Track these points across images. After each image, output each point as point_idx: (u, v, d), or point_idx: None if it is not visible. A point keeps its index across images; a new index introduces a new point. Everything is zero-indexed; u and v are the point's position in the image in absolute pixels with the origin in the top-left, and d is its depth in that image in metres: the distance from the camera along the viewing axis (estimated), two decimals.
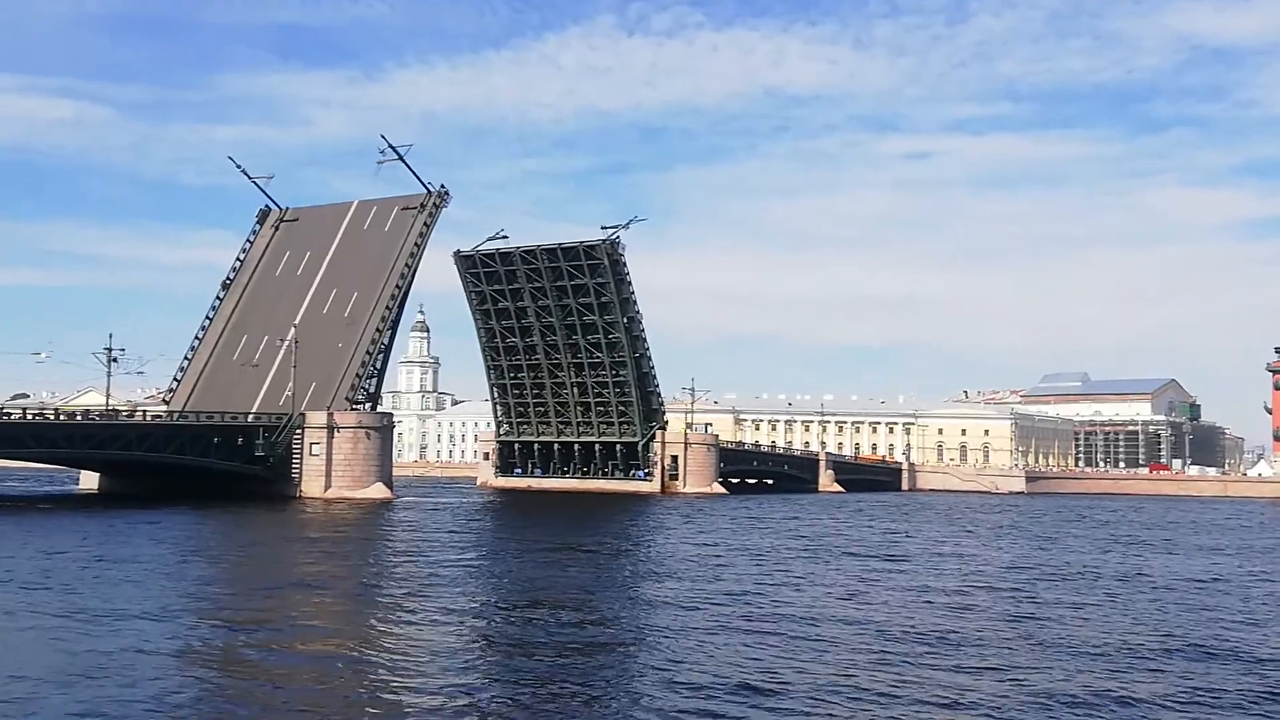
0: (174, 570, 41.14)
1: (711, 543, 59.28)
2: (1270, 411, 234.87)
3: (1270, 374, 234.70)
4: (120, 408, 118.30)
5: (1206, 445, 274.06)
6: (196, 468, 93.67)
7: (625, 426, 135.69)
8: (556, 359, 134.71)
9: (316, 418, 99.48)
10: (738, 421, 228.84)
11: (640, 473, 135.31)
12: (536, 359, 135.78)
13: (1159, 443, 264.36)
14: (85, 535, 55.16)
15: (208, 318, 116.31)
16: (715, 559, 50.03)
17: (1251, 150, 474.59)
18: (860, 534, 70.14)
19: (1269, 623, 33.73)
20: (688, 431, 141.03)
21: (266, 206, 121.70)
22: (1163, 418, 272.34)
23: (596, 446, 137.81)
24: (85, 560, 43.54)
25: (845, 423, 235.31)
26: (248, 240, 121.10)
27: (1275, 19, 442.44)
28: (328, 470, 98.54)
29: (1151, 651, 27.90)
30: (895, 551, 56.93)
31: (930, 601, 36.72)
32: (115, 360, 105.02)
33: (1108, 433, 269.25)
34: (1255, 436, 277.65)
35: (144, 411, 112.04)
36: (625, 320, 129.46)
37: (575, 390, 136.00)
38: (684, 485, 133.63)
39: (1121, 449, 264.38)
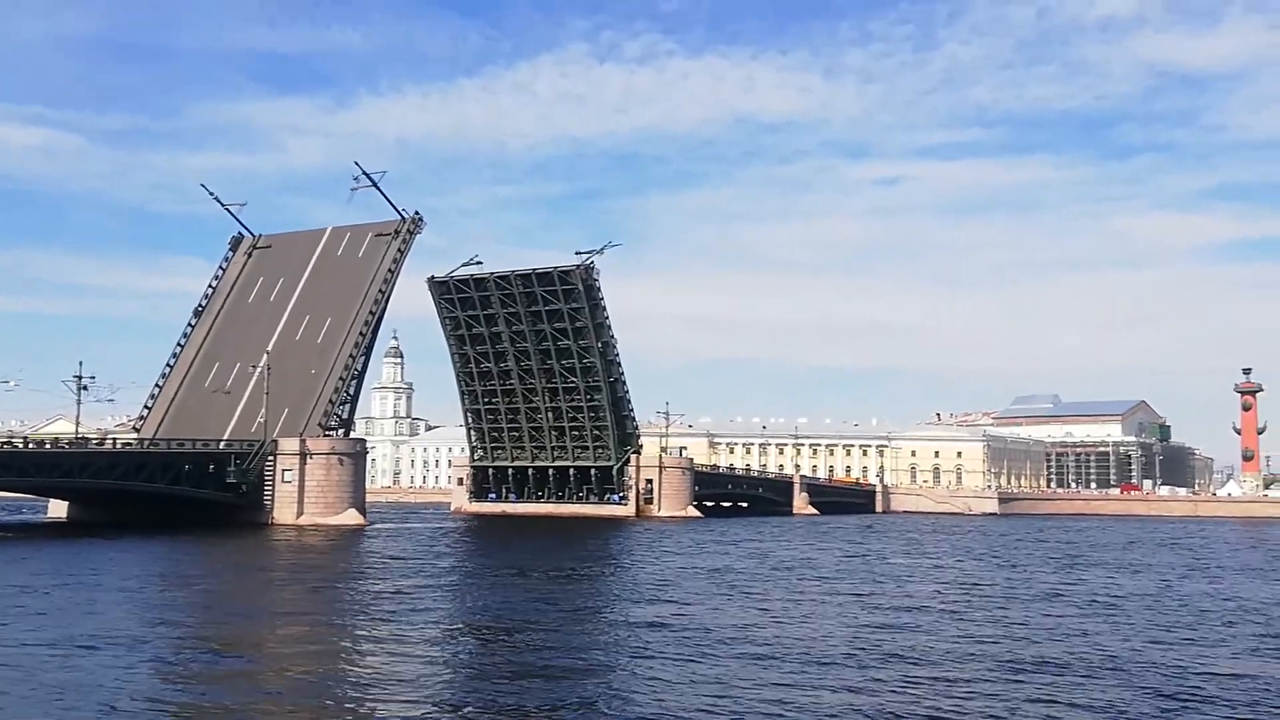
0: (141, 599, 40.99)
1: (683, 567, 59.47)
2: (1239, 432, 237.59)
3: (1239, 395, 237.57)
4: (90, 435, 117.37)
5: (1177, 466, 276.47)
6: (167, 495, 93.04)
7: (600, 451, 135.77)
8: (531, 384, 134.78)
9: (289, 444, 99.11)
10: (712, 445, 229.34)
11: (615, 497, 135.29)
12: (511, 384, 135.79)
13: (1130, 463, 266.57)
14: (52, 564, 54.78)
15: (179, 345, 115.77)
16: (686, 583, 50.23)
17: (1221, 174, 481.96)
18: (824, 559, 70.49)
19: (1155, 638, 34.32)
20: (662, 455, 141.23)
21: (239, 233, 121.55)
22: (1133, 439, 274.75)
23: (571, 471, 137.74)
24: (51, 589, 43.25)
25: (819, 445, 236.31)
26: (220, 267, 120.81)
27: (1242, 44, 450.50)
28: (300, 497, 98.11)
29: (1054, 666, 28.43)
30: (857, 576, 57.34)
31: (878, 624, 37.11)
32: (85, 388, 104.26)
33: (1079, 454, 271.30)
34: (1225, 457, 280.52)
35: (114, 439, 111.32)
36: (600, 345, 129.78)
37: (550, 415, 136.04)
38: (659, 509, 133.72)
39: (1093, 470, 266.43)
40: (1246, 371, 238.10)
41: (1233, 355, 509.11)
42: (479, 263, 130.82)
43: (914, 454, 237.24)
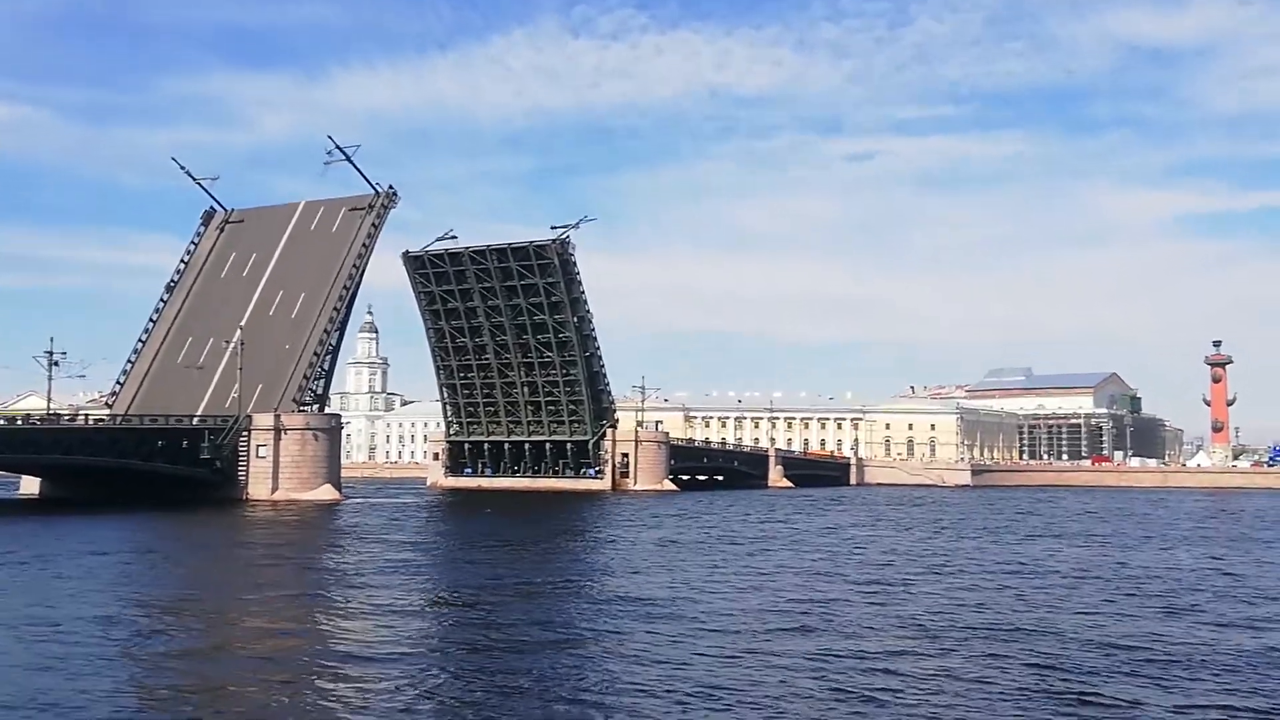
0: (110, 576, 40.77)
1: (658, 540, 59.80)
2: (1209, 403, 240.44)
3: (1208, 367, 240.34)
4: (62, 411, 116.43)
5: (1147, 437, 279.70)
6: (141, 472, 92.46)
7: (576, 425, 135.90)
8: (506, 359, 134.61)
9: (263, 420, 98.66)
10: (688, 419, 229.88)
11: (591, 471, 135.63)
12: (486, 359, 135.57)
13: (1101, 435, 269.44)
14: (20, 542, 54.42)
15: (151, 320, 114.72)
16: (659, 556, 50.56)
17: (1189, 150, 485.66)
18: (787, 531, 71.06)
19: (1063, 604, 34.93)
20: (638, 429, 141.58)
21: (211, 208, 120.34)
22: (1105, 410, 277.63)
23: (547, 445, 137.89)
24: (20, 566, 43.05)
25: (794, 419, 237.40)
26: (192, 242, 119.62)
27: (1211, 20, 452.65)
28: (275, 472, 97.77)
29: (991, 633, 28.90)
30: (815, 549, 57.90)
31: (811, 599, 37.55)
32: (56, 364, 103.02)
33: (1051, 426, 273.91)
34: (1194, 428, 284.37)
35: (86, 415, 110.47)
36: (575, 319, 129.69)
37: (525, 389, 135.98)
38: (635, 483, 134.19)
39: (1065, 441, 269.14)
40: (1216, 344, 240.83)
41: (1203, 328, 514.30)
42: (454, 237, 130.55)
43: (888, 427, 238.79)
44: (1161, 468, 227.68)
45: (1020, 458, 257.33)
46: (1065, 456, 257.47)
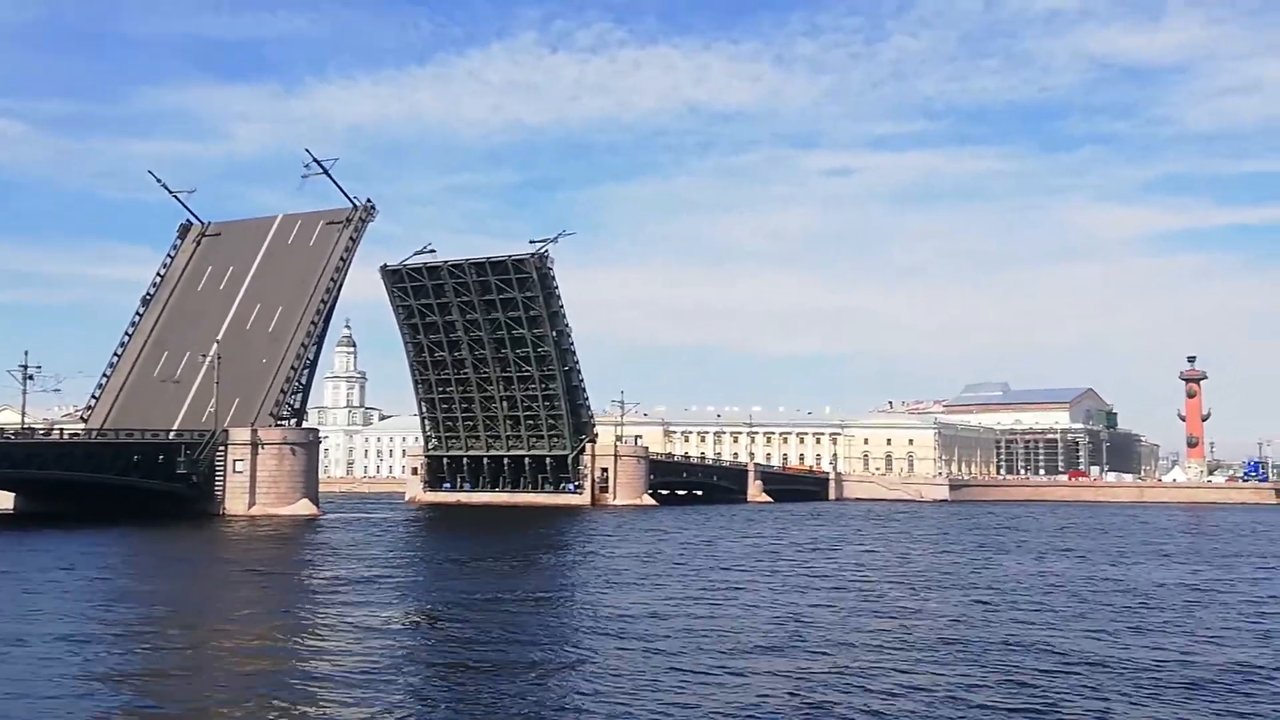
0: (86, 592, 40.44)
1: (635, 555, 59.80)
2: (1184, 419, 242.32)
3: (1184, 383, 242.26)
4: (36, 426, 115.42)
5: (1123, 452, 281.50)
6: (117, 486, 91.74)
7: (555, 440, 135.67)
8: (485, 373, 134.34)
9: (240, 434, 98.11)
10: (667, 434, 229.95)
11: (570, 485, 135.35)
12: (465, 373, 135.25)
13: (1077, 450, 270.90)
14: None
15: (127, 334, 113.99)
16: (636, 571, 50.56)
17: (1163, 166, 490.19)
18: (768, 545, 71.20)
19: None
20: (618, 444, 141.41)
21: (188, 221, 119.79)
22: (1081, 426, 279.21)
23: (526, 460, 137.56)
24: None
25: (774, 434, 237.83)
26: (169, 255, 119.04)
27: (1183, 38, 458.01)
28: (252, 487, 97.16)
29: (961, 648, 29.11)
30: (787, 565, 58.06)
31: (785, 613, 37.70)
32: (31, 378, 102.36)
33: (1028, 441, 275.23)
34: (1170, 443, 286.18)
35: (61, 429, 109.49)
36: (554, 334, 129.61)
37: (504, 404, 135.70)
38: (614, 497, 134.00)
39: (1041, 456, 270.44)
40: (1191, 359, 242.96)
41: (1178, 344, 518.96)
42: (432, 251, 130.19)
43: (867, 442, 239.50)
44: (1137, 483, 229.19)
45: (997, 473, 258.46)
46: (1042, 471, 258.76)
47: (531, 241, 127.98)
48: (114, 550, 60.32)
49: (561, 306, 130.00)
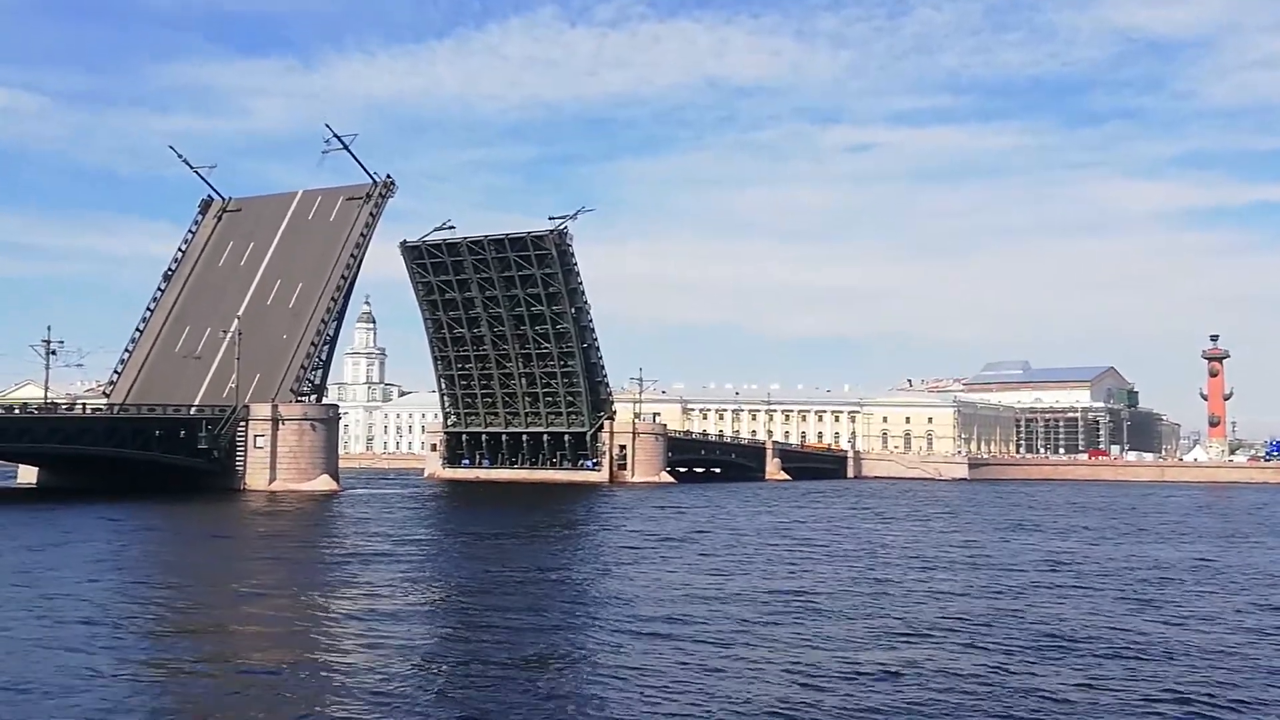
0: (109, 568, 40.87)
1: (649, 532, 60.01)
2: (1205, 398, 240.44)
3: (1206, 361, 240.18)
4: (59, 400, 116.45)
5: (1144, 431, 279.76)
6: (138, 461, 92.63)
7: (573, 417, 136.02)
8: (504, 349, 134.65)
9: (261, 410, 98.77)
10: (685, 411, 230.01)
11: (588, 463, 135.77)
12: (484, 350, 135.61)
13: (1098, 429, 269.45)
14: (13, 531, 54.56)
15: (149, 309, 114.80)
16: (650, 548, 50.76)
17: (1188, 142, 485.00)
18: (786, 525, 71.30)
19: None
20: (636, 421, 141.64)
21: (209, 197, 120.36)
22: (1101, 404, 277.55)
23: (544, 437, 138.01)
24: (15, 557, 43.12)
25: (792, 411, 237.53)
26: (189, 231, 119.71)
27: (1209, 12, 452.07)
28: (272, 463, 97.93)
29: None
30: (804, 542, 58.15)
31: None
32: (54, 353, 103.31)
33: (1048, 419, 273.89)
34: (1191, 422, 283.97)
35: (84, 404, 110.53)
36: (573, 310, 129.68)
37: (523, 381, 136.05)
38: (632, 475, 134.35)
39: (1061, 435, 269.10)
40: (1214, 338, 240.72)
41: (1200, 322, 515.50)
42: (451, 227, 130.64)
43: (885, 420, 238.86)
44: (1158, 462, 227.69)
45: (1017, 451, 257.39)
46: (1062, 450, 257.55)
47: (551, 218, 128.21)
48: (137, 526, 60.91)
49: (580, 283, 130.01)
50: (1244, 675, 24.10)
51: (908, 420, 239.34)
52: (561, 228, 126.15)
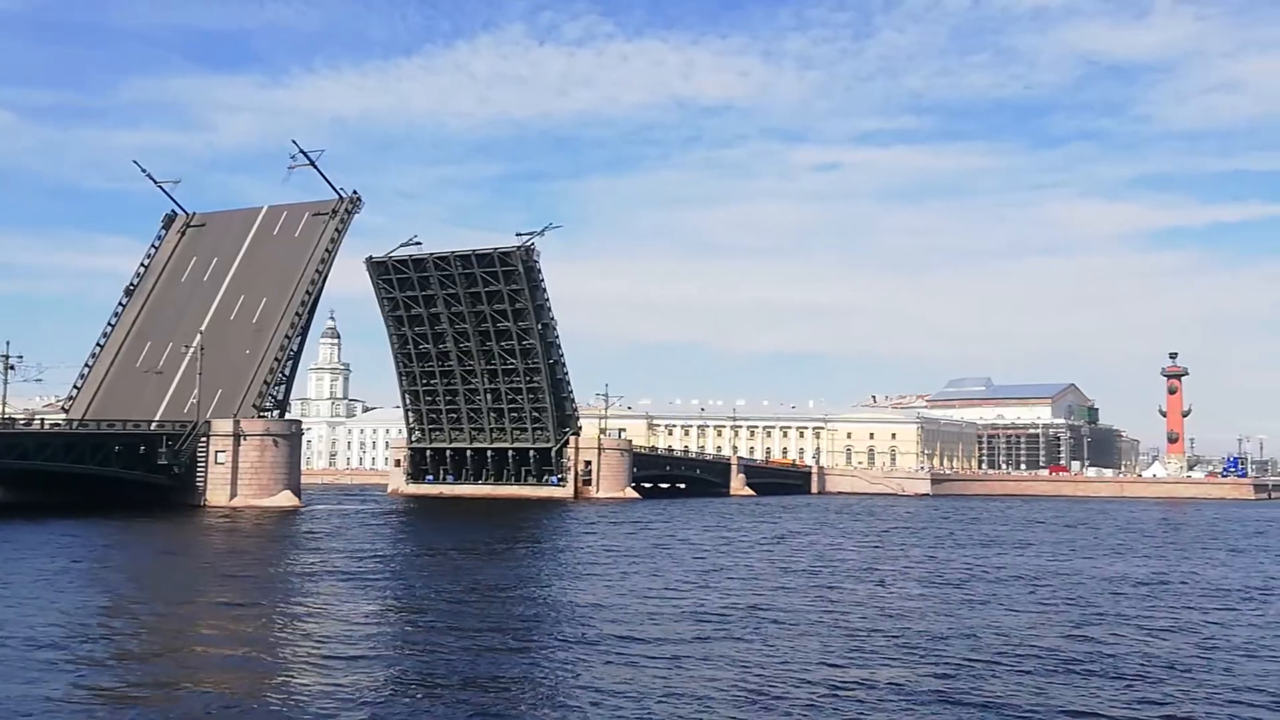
0: (61, 586, 40.51)
1: (611, 548, 60.33)
2: (1164, 415, 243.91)
3: (1165, 379, 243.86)
4: (17, 416, 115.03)
5: (1104, 447, 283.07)
6: (98, 477, 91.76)
7: (539, 432, 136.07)
8: (470, 365, 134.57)
9: (222, 425, 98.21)
10: (651, 427, 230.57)
11: (553, 479, 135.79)
12: (449, 365, 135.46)
13: (1059, 445, 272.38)
14: None
15: (110, 324, 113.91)
16: (611, 563, 51.09)
17: (1148, 164, 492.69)
18: (751, 539, 71.84)
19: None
20: (601, 437, 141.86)
21: (173, 211, 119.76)
22: (1062, 421, 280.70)
23: (510, 453, 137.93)
24: None
25: (757, 427, 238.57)
26: (153, 245, 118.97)
27: (1170, 36, 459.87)
28: (234, 478, 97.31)
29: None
30: (758, 559, 58.68)
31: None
32: (12, 368, 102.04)
33: (1010, 436, 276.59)
34: (1150, 439, 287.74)
35: (42, 420, 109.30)
36: (539, 326, 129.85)
37: (489, 396, 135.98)
38: (597, 490, 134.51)
39: (1023, 451, 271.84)
40: (1173, 356, 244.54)
41: (1159, 340, 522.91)
42: (418, 243, 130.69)
43: (849, 435, 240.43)
44: (1118, 478, 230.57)
45: (979, 467, 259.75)
46: (1024, 466, 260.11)
47: (518, 234, 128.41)
48: (94, 542, 60.45)
49: (547, 299, 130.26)
50: (1187, 689, 24.77)
51: (872, 436, 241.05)
52: (528, 244, 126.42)
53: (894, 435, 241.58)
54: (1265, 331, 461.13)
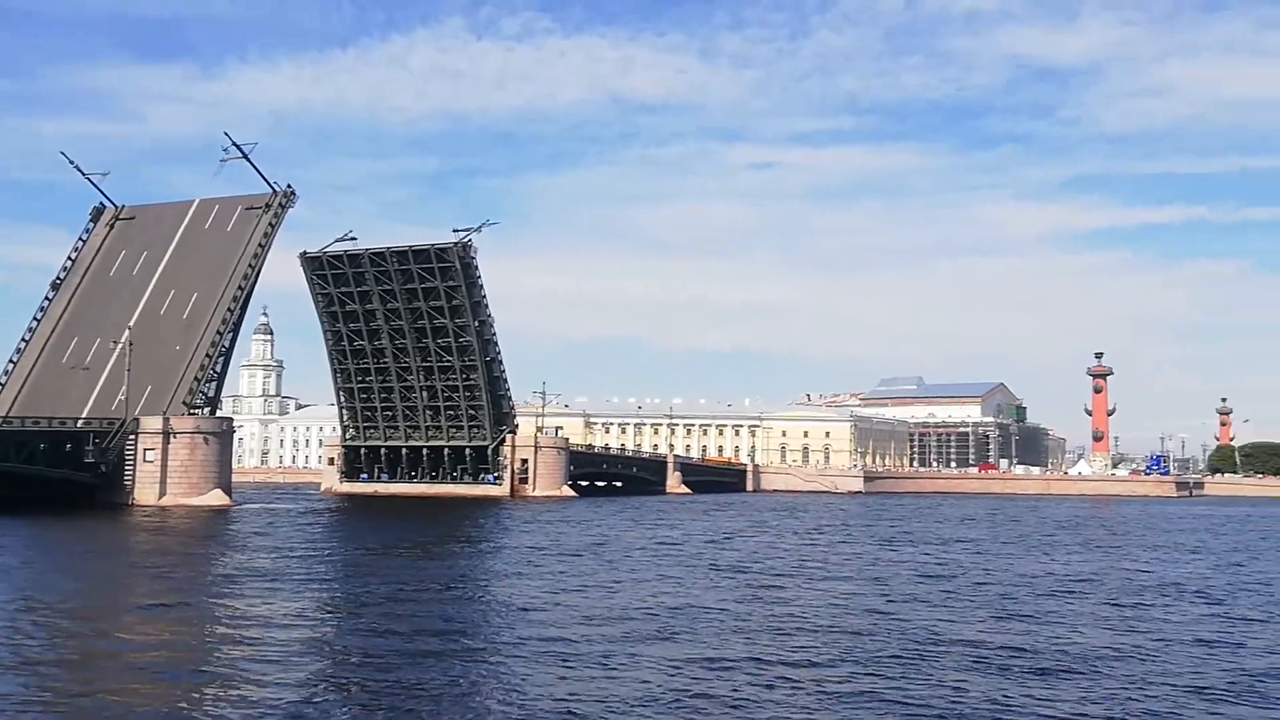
0: None
1: (543, 547, 60.57)
2: (1090, 414, 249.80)
3: (1090, 378, 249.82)
4: None
5: (1032, 446, 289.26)
6: (21, 475, 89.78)
7: (475, 430, 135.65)
8: (405, 362, 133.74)
9: (151, 423, 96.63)
10: (588, 425, 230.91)
11: (489, 477, 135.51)
12: (385, 362, 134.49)
13: (988, 443, 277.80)
14: None
15: (35, 319, 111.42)
16: (542, 562, 51.36)
17: (1078, 166, 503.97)
18: (683, 536, 72.54)
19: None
20: (538, 435, 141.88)
21: (101, 204, 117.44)
22: (991, 420, 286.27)
23: (446, 451, 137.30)
24: None
25: (693, 425, 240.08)
26: (80, 239, 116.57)
27: (1099, 41, 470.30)
28: (163, 477, 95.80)
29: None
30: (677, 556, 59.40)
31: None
32: None
33: (941, 434, 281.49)
34: (1076, 437, 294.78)
35: None
36: (476, 324, 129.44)
37: (424, 394, 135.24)
38: (533, 489, 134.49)
39: (953, 449, 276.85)
40: (1098, 355, 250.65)
41: (1086, 340, 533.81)
42: (353, 238, 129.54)
43: (784, 434, 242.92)
44: (1045, 475, 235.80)
45: (911, 465, 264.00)
46: (954, 464, 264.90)
47: (455, 230, 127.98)
48: (10, 541, 59.24)
49: (484, 296, 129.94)
50: (1102, 682, 25.69)
51: (806, 434, 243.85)
52: (465, 240, 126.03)
53: (828, 434, 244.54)
54: (1188, 332, 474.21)
